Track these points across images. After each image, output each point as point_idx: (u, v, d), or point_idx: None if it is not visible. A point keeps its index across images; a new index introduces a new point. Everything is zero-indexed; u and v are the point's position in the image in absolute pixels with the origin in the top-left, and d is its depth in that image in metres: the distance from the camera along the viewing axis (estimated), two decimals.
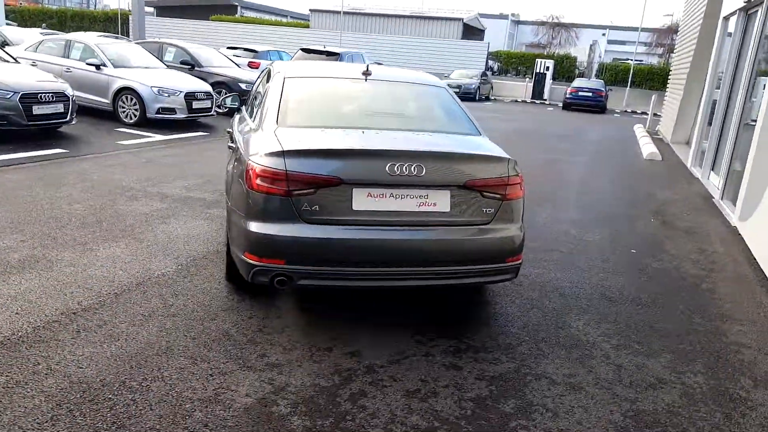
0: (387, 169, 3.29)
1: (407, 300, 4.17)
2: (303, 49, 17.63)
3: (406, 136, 3.75)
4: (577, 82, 28.72)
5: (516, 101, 29.96)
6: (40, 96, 8.64)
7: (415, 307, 4.10)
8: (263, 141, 3.50)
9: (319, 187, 3.28)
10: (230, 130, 5.05)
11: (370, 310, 4.00)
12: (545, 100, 30.83)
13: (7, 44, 14.14)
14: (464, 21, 43.54)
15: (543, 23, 50.91)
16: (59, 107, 8.92)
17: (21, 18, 41.59)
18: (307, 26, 45.43)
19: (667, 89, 19.40)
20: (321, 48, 18.11)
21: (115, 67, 11.35)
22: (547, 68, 31.40)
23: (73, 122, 9.38)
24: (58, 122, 9.10)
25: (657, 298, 4.65)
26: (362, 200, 3.33)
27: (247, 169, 3.38)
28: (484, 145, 3.87)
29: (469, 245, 3.49)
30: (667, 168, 11.62)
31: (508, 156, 3.63)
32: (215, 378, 3.06)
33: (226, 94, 9.77)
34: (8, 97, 8.28)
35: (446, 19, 43.62)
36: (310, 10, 47.11)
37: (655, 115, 20.31)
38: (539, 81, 31.33)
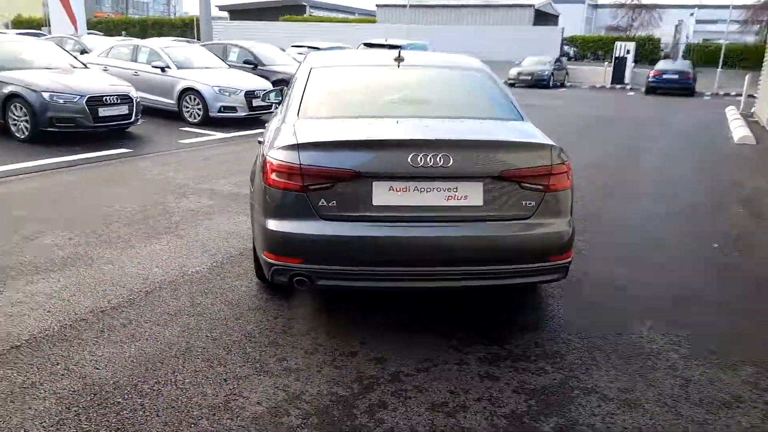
0: (410, 160, 2.99)
1: (445, 303, 3.85)
2: (365, 44, 17.48)
3: (431, 124, 3.42)
4: (662, 64, 26.95)
5: (594, 87, 28.56)
6: (105, 98, 8.89)
7: (454, 310, 3.76)
8: (282, 134, 3.29)
9: (336, 182, 3.02)
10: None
11: (405, 311, 3.70)
12: (626, 84, 29.22)
13: (86, 51, 14.80)
14: (536, 7, 42.05)
15: (622, 5, 48.27)
16: (124, 109, 9.16)
17: (107, 28, 43.98)
18: (375, 22, 45.44)
19: (763, 68, 17.75)
20: (383, 41, 17.88)
21: (179, 68, 11.60)
22: (628, 51, 29.74)
23: (139, 123, 9.63)
24: (123, 123, 9.34)
25: (740, 301, 4.08)
26: (383, 195, 3.04)
27: (264, 164, 3.18)
28: (525, 131, 3.48)
29: (505, 243, 3.12)
30: (760, 153, 10.54)
31: (551, 142, 3.22)
32: (229, 383, 2.88)
33: None
34: (75, 100, 8.56)
35: (516, 6, 42.28)
36: (377, 5, 47.18)
37: (749, 96, 18.66)
38: (619, 65, 29.71)
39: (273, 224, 3.11)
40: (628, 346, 3.35)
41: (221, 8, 52.53)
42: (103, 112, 8.86)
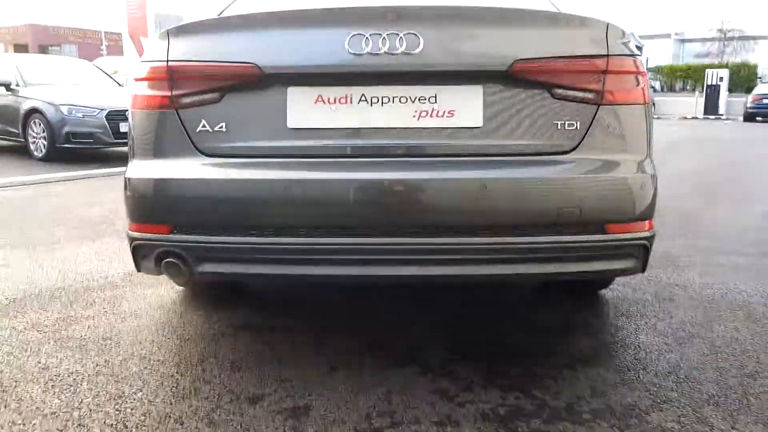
0: (348, 45, 1.70)
1: (431, 313, 2.43)
2: None
3: None
4: (762, 88, 24.37)
5: (685, 118, 26.14)
6: (128, 113, 8.18)
7: (447, 326, 2.33)
8: None
9: (225, 89, 1.77)
10: None
11: (366, 323, 2.31)
12: (721, 115, 26.68)
13: None
14: None
15: (712, 39, 45.12)
16: None
17: None
18: None
19: None
20: None
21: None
22: (721, 79, 27.28)
23: None
24: None
25: None
26: (305, 109, 1.76)
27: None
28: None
29: (523, 197, 1.73)
30: None
31: (604, 19, 1.82)
32: None
33: None
34: (95, 114, 7.90)
35: None
36: None
37: None
38: (711, 94, 27.27)
39: (130, 169, 1.88)
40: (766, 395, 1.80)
41: None
42: (124, 127, 8.13)
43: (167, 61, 1.79)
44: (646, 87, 1.86)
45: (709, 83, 27.51)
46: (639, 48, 43.39)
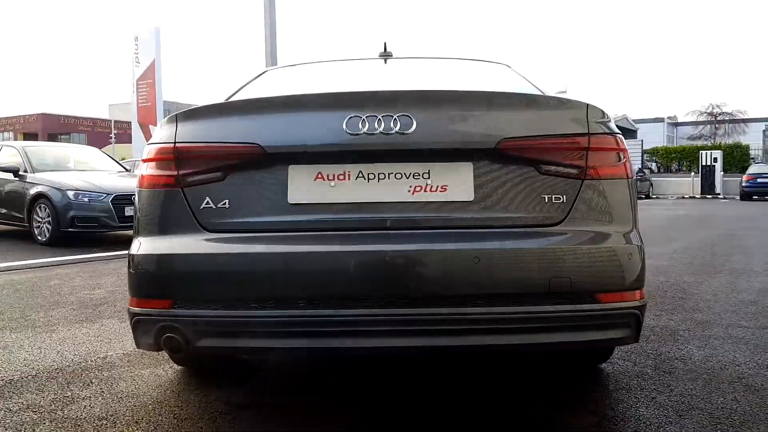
0: (346, 126, 1.81)
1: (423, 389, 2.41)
2: None
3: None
4: (755, 168, 25.11)
5: (683, 197, 26.59)
6: (133, 198, 8.36)
7: (455, 392, 2.31)
8: None
9: (228, 168, 1.87)
10: None
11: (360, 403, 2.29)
12: (718, 194, 27.16)
13: None
14: None
15: (703, 122, 46.56)
16: None
17: None
18: None
19: None
20: None
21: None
22: (715, 159, 28.03)
23: None
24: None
25: None
26: (306, 186, 1.85)
27: None
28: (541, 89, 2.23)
29: (514, 267, 1.78)
30: None
31: (584, 101, 1.94)
32: None
33: None
34: (101, 198, 8.08)
35: None
36: None
37: None
38: (707, 174, 27.95)
39: (135, 246, 1.95)
40: None
41: None
42: (129, 211, 8.28)
43: (175, 142, 1.90)
44: (628, 162, 1.96)
45: (704, 164, 28.19)
46: (633, 132, 44.67)
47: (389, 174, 1.84)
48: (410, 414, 2.21)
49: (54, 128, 43.36)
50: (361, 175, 1.84)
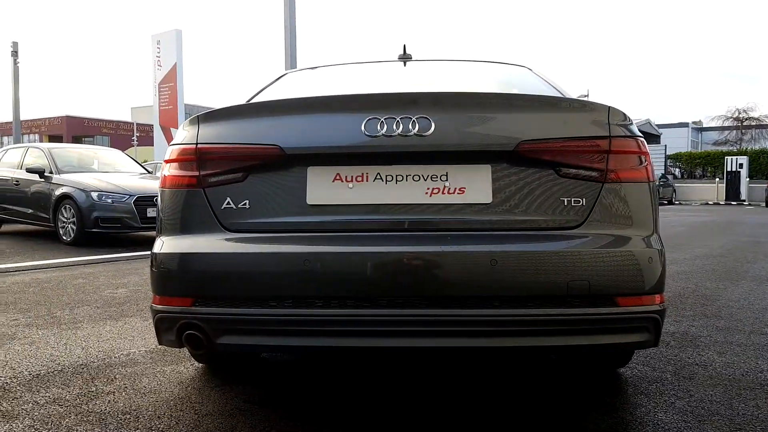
0: (364, 128, 1.84)
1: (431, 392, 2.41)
2: None
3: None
4: None
5: (707, 204, 26.22)
6: (156, 199, 8.49)
7: (473, 393, 2.31)
8: None
9: (249, 169, 1.91)
10: None
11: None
12: (743, 200, 26.74)
13: None
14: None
15: (729, 128, 45.83)
16: None
17: None
18: None
19: None
20: None
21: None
22: (741, 165, 27.61)
23: None
24: None
25: None
26: (324, 187, 1.88)
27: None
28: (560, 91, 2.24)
29: (533, 270, 1.79)
30: None
31: (605, 103, 1.94)
32: None
33: None
34: (124, 200, 8.22)
35: None
36: None
37: None
38: (732, 180, 27.53)
39: (158, 245, 1.99)
40: None
41: None
42: (151, 212, 8.41)
43: (197, 144, 1.95)
44: (650, 166, 1.96)
45: (729, 170, 27.79)
46: (657, 137, 44.13)
47: (407, 176, 1.86)
48: (428, 416, 2.23)
49: (78, 131, 44.14)
50: (379, 176, 1.86)
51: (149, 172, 10.24)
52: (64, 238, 8.30)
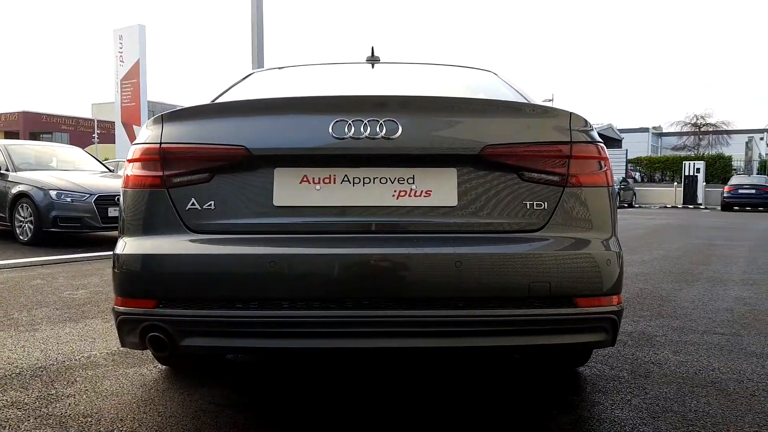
0: (332, 130, 1.85)
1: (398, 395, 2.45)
2: None
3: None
4: (736, 179, 25.68)
5: (665, 207, 26.98)
6: (117, 198, 8.30)
7: (433, 392, 2.35)
8: None
9: (214, 170, 1.90)
10: None
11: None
12: (699, 204, 27.61)
13: None
14: (597, 131, 41.58)
15: (687, 133, 47.28)
16: None
17: None
18: None
19: None
20: None
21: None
22: (698, 170, 28.48)
23: None
24: None
25: None
26: (291, 189, 1.89)
27: None
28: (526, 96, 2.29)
29: (496, 271, 1.83)
30: None
31: (567, 109, 2.00)
32: None
33: None
34: (84, 199, 8.02)
35: None
36: None
37: None
38: (690, 184, 28.40)
39: (120, 245, 1.97)
40: None
41: None
42: (113, 212, 8.24)
43: (161, 143, 1.93)
44: (609, 171, 2.02)
45: (687, 174, 28.64)
46: (618, 141, 45.16)
47: (374, 178, 1.88)
48: (392, 417, 2.25)
49: (36, 127, 42.85)
50: (346, 178, 1.88)
51: (110, 171, 10.04)
52: (21, 237, 8.07)
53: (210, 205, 1.89)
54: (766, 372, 2.77)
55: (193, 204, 1.90)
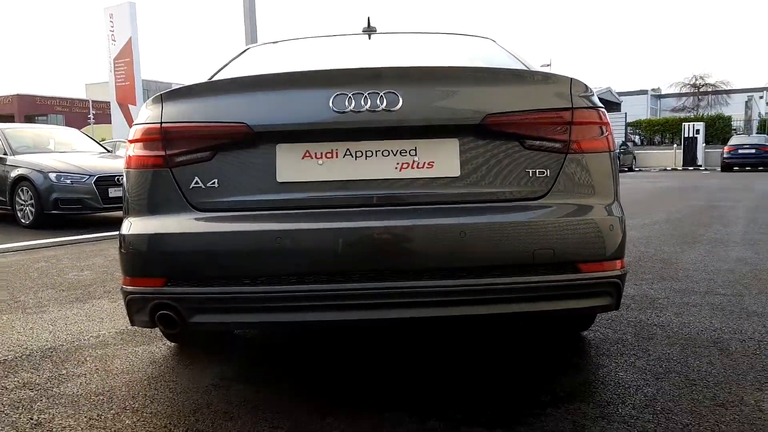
0: (332, 104, 1.84)
1: (415, 361, 2.48)
2: None
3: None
4: (736, 139, 25.50)
5: (665, 169, 26.95)
6: (118, 178, 8.29)
7: (441, 360, 2.38)
8: None
9: (216, 148, 1.90)
10: None
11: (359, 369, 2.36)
12: (699, 165, 27.55)
13: None
14: (597, 94, 41.26)
15: (686, 94, 46.84)
16: None
17: None
18: None
19: None
20: None
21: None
22: (697, 131, 28.32)
23: None
24: None
25: None
26: (294, 165, 1.89)
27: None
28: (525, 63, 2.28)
29: (500, 239, 1.84)
30: None
31: (567, 75, 1.99)
32: None
33: None
34: (84, 180, 8.01)
35: None
36: None
37: None
38: (689, 146, 28.27)
39: (126, 226, 1.98)
40: (740, 422, 1.86)
41: None
42: (113, 192, 8.23)
43: (161, 123, 1.92)
44: (611, 136, 2.01)
45: (686, 136, 28.49)
46: (617, 104, 44.82)
47: (376, 151, 1.87)
48: (397, 383, 2.29)
49: (30, 110, 42.52)
50: (348, 152, 1.87)
51: (109, 151, 10.00)
52: (23, 221, 8.08)
53: (214, 183, 1.90)
54: (767, 330, 2.80)
55: (196, 183, 1.90)
